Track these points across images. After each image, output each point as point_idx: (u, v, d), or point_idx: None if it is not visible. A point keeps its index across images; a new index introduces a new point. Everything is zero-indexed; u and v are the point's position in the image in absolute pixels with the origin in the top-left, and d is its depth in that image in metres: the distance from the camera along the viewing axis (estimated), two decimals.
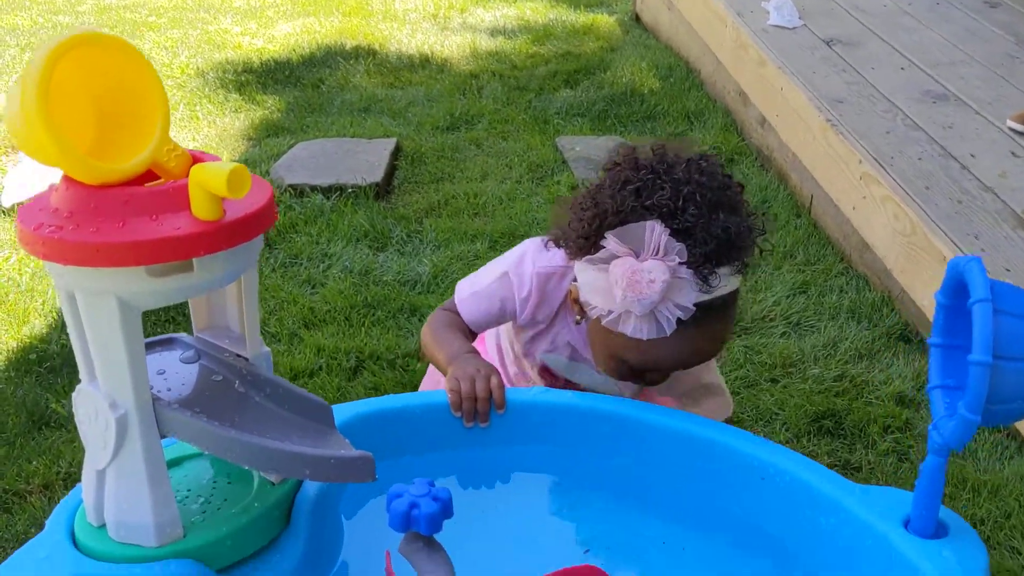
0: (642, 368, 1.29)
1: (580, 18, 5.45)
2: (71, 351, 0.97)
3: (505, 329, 1.55)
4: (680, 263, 1.16)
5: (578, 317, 1.34)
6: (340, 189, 3.29)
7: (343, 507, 1.17)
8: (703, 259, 1.18)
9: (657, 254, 1.16)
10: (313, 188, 3.30)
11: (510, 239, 3.01)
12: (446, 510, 0.87)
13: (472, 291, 1.45)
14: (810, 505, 1.09)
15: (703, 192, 1.20)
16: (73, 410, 1.00)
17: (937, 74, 3.34)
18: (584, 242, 1.23)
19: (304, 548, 1.07)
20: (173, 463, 1.11)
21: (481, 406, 1.23)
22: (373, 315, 2.60)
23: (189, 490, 1.08)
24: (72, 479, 2.01)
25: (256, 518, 1.04)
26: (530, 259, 1.42)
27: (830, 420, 2.22)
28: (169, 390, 1.02)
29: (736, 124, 3.84)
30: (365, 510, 1.19)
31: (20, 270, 2.79)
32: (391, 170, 3.53)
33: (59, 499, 1.93)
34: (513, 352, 1.54)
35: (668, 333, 1.18)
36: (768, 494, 1.13)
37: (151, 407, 0.96)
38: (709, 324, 1.22)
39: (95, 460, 0.99)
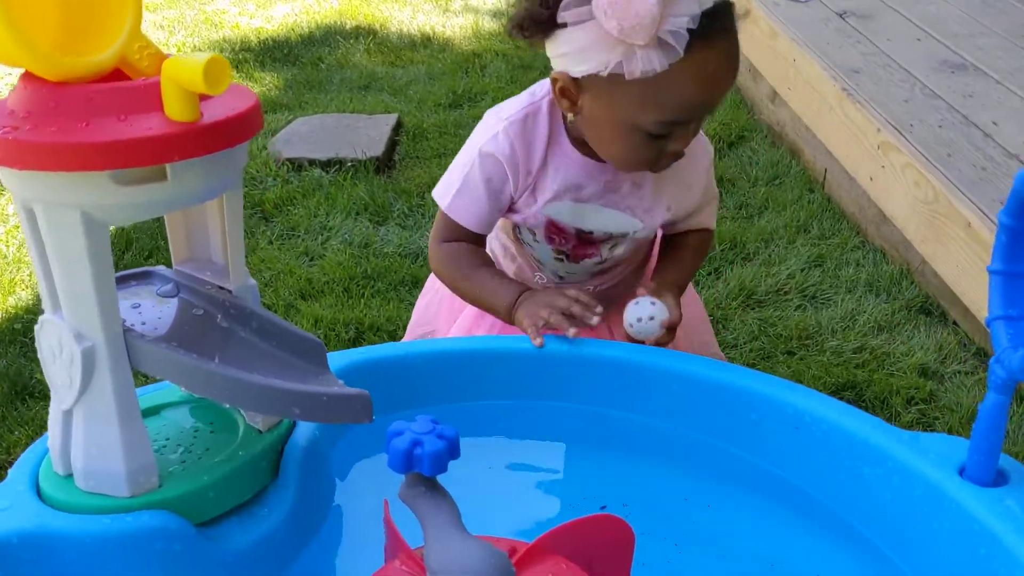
0: (665, 127, 1.14)
1: None
2: None
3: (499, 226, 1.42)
4: None
5: (570, 115, 1.20)
6: (339, 163, 3.19)
7: (335, 458, 1.06)
8: None
9: None
10: (312, 162, 3.20)
11: None
12: (452, 449, 0.76)
13: (453, 191, 1.31)
14: (851, 455, 0.99)
15: None
16: (36, 344, 0.90)
17: (955, 45, 3.23)
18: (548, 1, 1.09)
19: (293, 502, 0.97)
20: (150, 412, 1.01)
21: (575, 315, 1.15)
22: (373, 286, 2.50)
23: (168, 439, 0.98)
24: None
25: (240, 468, 0.94)
26: (492, 120, 1.29)
27: (850, 392, 2.12)
28: (144, 324, 0.92)
29: (746, 101, 3.74)
30: (359, 462, 1.09)
31: (7, 241, 2.69)
32: (392, 145, 3.43)
33: None
34: (513, 249, 1.42)
35: (682, 51, 1.04)
36: (804, 445, 1.02)
37: (122, 339, 0.86)
38: (720, 39, 1.08)
39: (61, 400, 0.89)
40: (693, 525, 1.02)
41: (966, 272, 2.25)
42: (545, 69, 4.21)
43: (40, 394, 2.05)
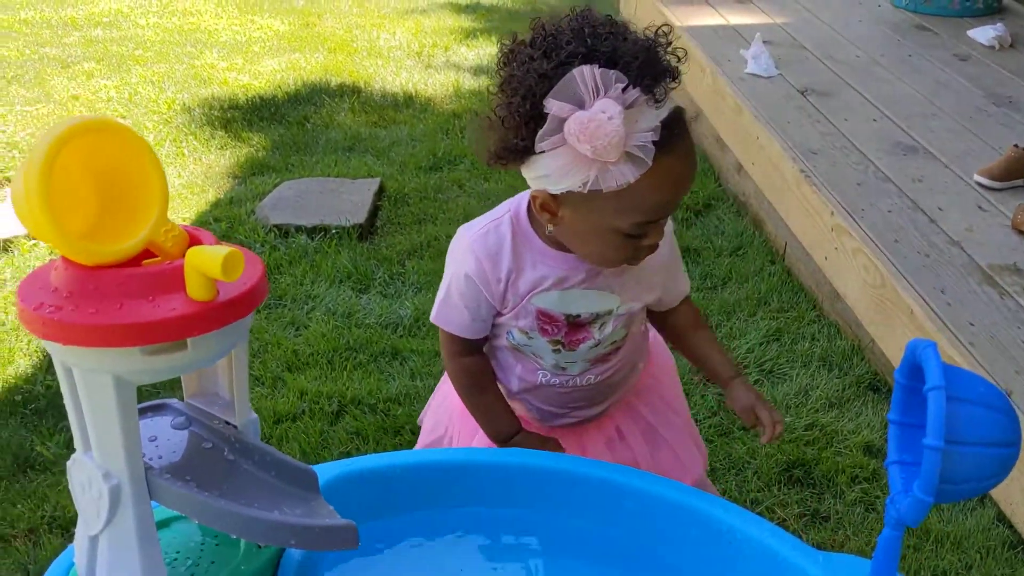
0: (641, 228, 1.28)
1: None
2: (57, 392, 1.01)
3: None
4: (623, 89, 1.16)
5: (549, 226, 1.33)
6: (324, 230, 3.34)
7: (325, 568, 1.20)
8: (639, 74, 1.18)
9: (599, 93, 1.16)
10: (298, 228, 3.35)
11: None
12: None
13: (439, 304, 1.46)
14: (774, 571, 1.14)
15: (601, 27, 1.22)
16: (68, 478, 1.04)
17: (908, 126, 3.43)
18: (526, 130, 1.22)
19: None
20: (162, 524, 1.14)
21: None
22: (355, 358, 2.64)
23: (178, 552, 1.12)
24: (57, 523, 2.03)
25: None
26: (462, 240, 1.43)
27: (800, 469, 2.28)
28: (160, 457, 1.06)
29: (714, 169, 3.92)
30: (347, 569, 1.23)
31: (5, 309, 2.81)
32: (374, 210, 3.58)
33: (44, 543, 1.96)
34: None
35: (650, 161, 1.18)
36: (735, 559, 1.17)
37: (143, 478, 1.00)
38: (678, 144, 1.23)
39: (89, 527, 1.02)
40: None
41: None
42: None
43: (41, 466, 2.18)
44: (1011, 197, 2.87)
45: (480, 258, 1.40)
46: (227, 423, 1.11)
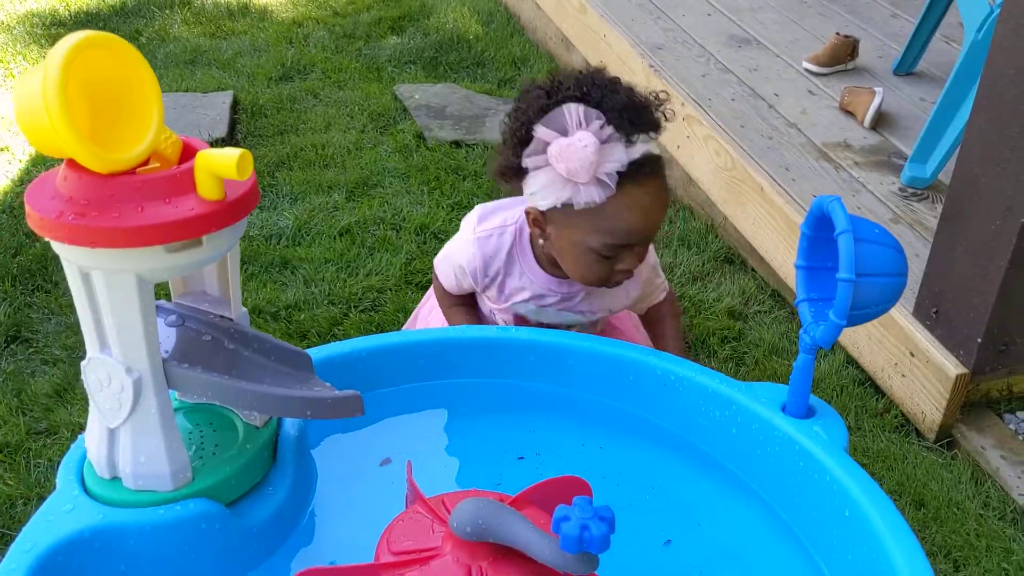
0: (611, 249, 1.48)
1: None
2: None
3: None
4: (601, 126, 1.38)
5: (540, 240, 1.55)
6: None
7: (315, 442, 1.32)
8: (618, 117, 1.40)
9: (580, 125, 1.38)
10: None
11: (365, 188, 3.14)
12: (612, 529, 0.93)
13: (441, 257, 1.68)
14: (706, 402, 1.34)
15: (599, 79, 1.47)
16: (82, 378, 1.11)
17: (739, 19, 3.69)
18: (520, 152, 1.44)
19: (291, 479, 1.22)
20: None
21: None
22: (247, 270, 2.68)
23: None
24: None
25: (251, 458, 1.18)
26: (469, 225, 1.63)
27: None
28: (167, 352, 1.14)
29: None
30: (329, 444, 1.35)
31: None
32: (232, 124, 3.55)
33: None
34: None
35: (614, 187, 1.39)
36: (672, 397, 1.37)
37: (162, 369, 1.08)
38: (648, 180, 1.45)
39: (108, 420, 1.10)
40: (588, 463, 1.35)
41: (761, 228, 2.70)
42: (367, 38, 4.43)
43: None
44: (837, 81, 3.19)
45: (476, 256, 1.62)
46: (221, 316, 1.20)
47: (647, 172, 1.45)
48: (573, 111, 1.38)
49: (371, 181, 3.18)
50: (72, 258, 1.03)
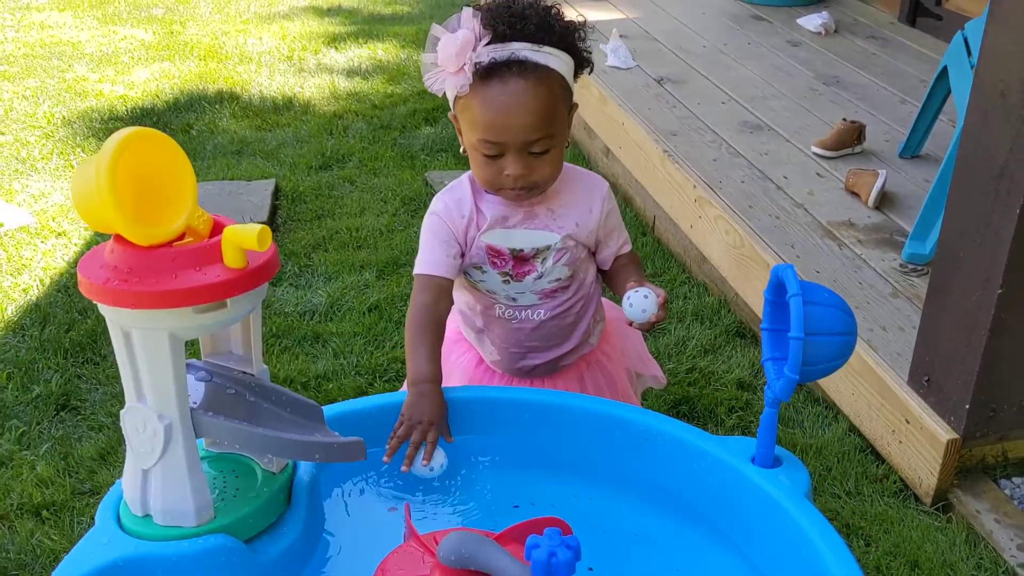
0: (488, 147, 1.59)
1: None
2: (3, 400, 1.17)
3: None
4: (481, 25, 1.53)
5: (462, 148, 1.68)
6: None
7: (324, 489, 1.46)
8: (493, 22, 1.54)
9: (465, 25, 1.54)
10: None
11: (394, 267, 3.33)
12: (577, 555, 1.08)
13: (419, 258, 1.73)
14: (684, 455, 1.46)
15: (513, 2, 1.59)
16: (121, 424, 1.26)
17: (752, 107, 3.87)
18: None
19: (304, 520, 1.36)
20: None
21: (410, 450, 1.48)
22: (280, 344, 2.86)
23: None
24: (25, 509, 2.19)
25: (268, 499, 1.32)
26: (434, 198, 1.76)
27: (686, 405, 2.64)
28: (195, 402, 1.30)
29: (584, 154, 4.29)
30: (340, 491, 1.49)
31: None
32: (273, 209, 3.78)
33: (17, 528, 2.12)
34: (472, 304, 1.82)
35: (470, 77, 1.54)
36: (653, 451, 1.49)
37: (190, 416, 1.24)
38: (512, 79, 1.55)
39: (141, 462, 1.25)
40: (578, 512, 1.46)
41: None
42: (403, 129, 4.69)
43: None
44: (843, 164, 3.33)
45: (446, 201, 1.73)
46: (244, 372, 1.36)
47: (513, 72, 1.56)
48: (464, 12, 1.54)
49: (400, 260, 3.36)
50: (115, 319, 1.20)
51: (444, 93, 1.62)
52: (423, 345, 1.64)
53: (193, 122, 4.74)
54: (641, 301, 1.58)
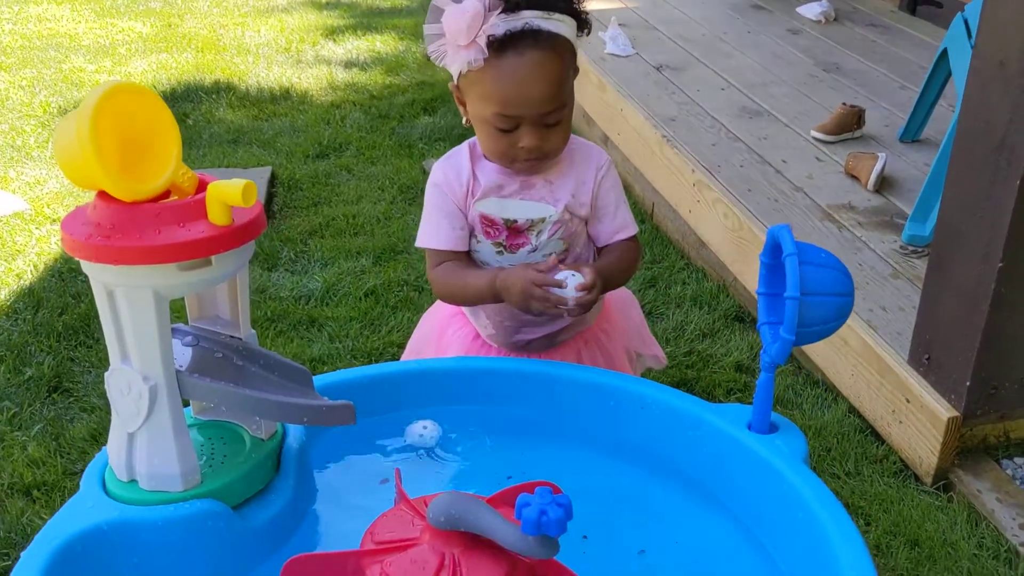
0: (502, 120, 1.55)
1: None
2: None
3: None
4: (490, 2, 1.47)
5: (465, 119, 1.63)
6: None
7: (314, 459, 1.44)
8: None
9: None
10: None
11: (391, 253, 3.30)
12: (569, 513, 1.04)
13: (421, 230, 1.69)
14: (680, 422, 1.44)
15: None
16: (105, 387, 1.24)
17: (752, 93, 3.85)
18: None
19: (293, 487, 1.33)
20: None
21: (555, 299, 1.52)
22: (276, 327, 2.84)
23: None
24: (16, 488, 2.17)
25: (256, 465, 1.30)
26: (433, 167, 1.72)
27: (684, 387, 2.62)
28: (181, 366, 1.27)
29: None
30: (332, 464, 1.47)
31: None
32: (270, 196, 3.76)
33: (8, 507, 2.10)
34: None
35: (485, 51, 1.49)
36: (649, 419, 1.47)
37: (175, 377, 1.22)
38: (527, 50, 1.50)
39: (127, 425, 1.23)
40: (572, 481, 1.43)
41: None
42: (401, 118, 4.66)
43: None
44: (842, 148, 3.31)
45: (444, 170, 1.69)
46: (232, 336, 1.33)
47: (528, 43, 1.52)
48: None
49: (397, 247, 3.34)
50: (99, 277, 1.17)
51: (447, 65, 1.57)
52: (465, 273, 1.66)
53: (190, 111, 4.72)
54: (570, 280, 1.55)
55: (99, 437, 2.37)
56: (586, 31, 1.65)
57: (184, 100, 4.88)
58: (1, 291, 3.06)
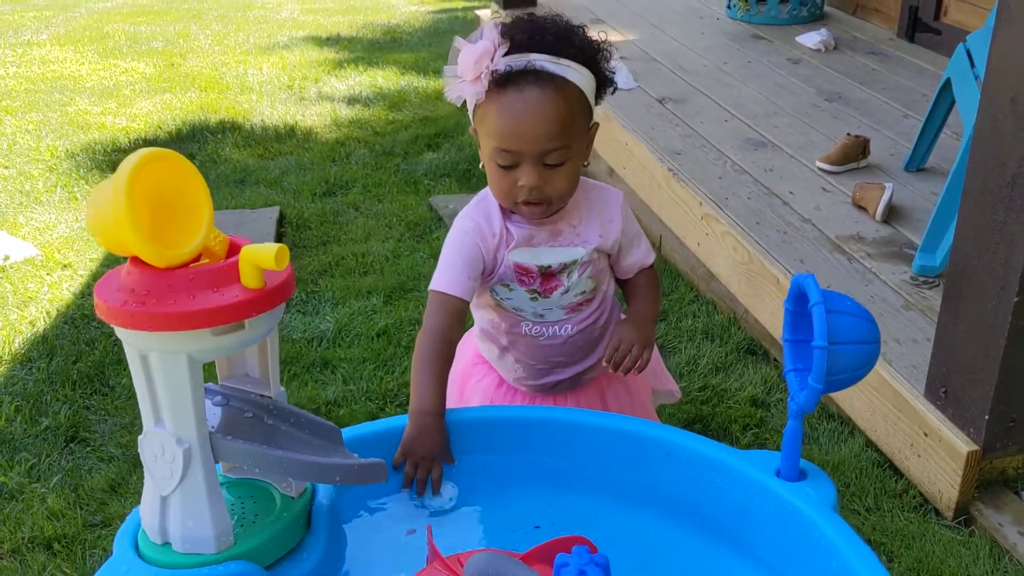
0: (503, 157, 1.57)
1: (431, 84, 5.83)
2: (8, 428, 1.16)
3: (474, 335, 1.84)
4: (500, 36, 1.53)
5: (482, 163, 1.66)
6: None
7: (343, 513, 1.44)
8: (512, 33, 1.54)
9: (481, 37, 1.54)
10: None
11: (401, 292, 3.31)
12: (607, 573, 1.07)
13: (437, 274, 1.69)
14: (707, 469, 1.44)
15: (540, 17, 1.60)
16: (139, 451, 1.25)
17: (755, 124, 3.87)
18: None
19: (324, 545, 1.34)
20: None
21: (419, 488, 1.48)
22: (290, 371, 2.84)
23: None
24: (37, 542, 2.16)
25: (288, 524, 1.30)
26: (458, 215, 1.73)
27: (699, 424, 2.62)
28: (213, 427, 1.28)
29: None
30: (360, 516, 1.47)
31: None
32: (279, 236, 3.77)
33: (30, 562, 2.10)
34: (497, 323, 1.80)
35: (485, 86, 1.53)
36: (674, 466, 1.47)
37: (208, 440, 1.22)
38: (527, 88, 1.54)
39: (160, 489, 1.23)
40: (600, 530, 1.44)
41: (779, 318, 2.80)
42: (405, 155, 4.69)
43: (7, 495, 2.28)
44: (849, 178, 3.33)
45: (477, 219, 1.70)
46: (261, 395, 1.34)
47: (530, 81, 1.54)
48: (487, 25, 1.54)
49: (407, 286, 3.35)
50: (133, 342, 1.18)
51: (463, 103, 1.60)
52: (431, 374, 1.61)
53: (196, 152, 4.75)
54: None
55: (118, 488, 2.36)
56: (611, 90, 1.67)
57: (190, 140, 4.90)
58: (15, 339, 3.07)
